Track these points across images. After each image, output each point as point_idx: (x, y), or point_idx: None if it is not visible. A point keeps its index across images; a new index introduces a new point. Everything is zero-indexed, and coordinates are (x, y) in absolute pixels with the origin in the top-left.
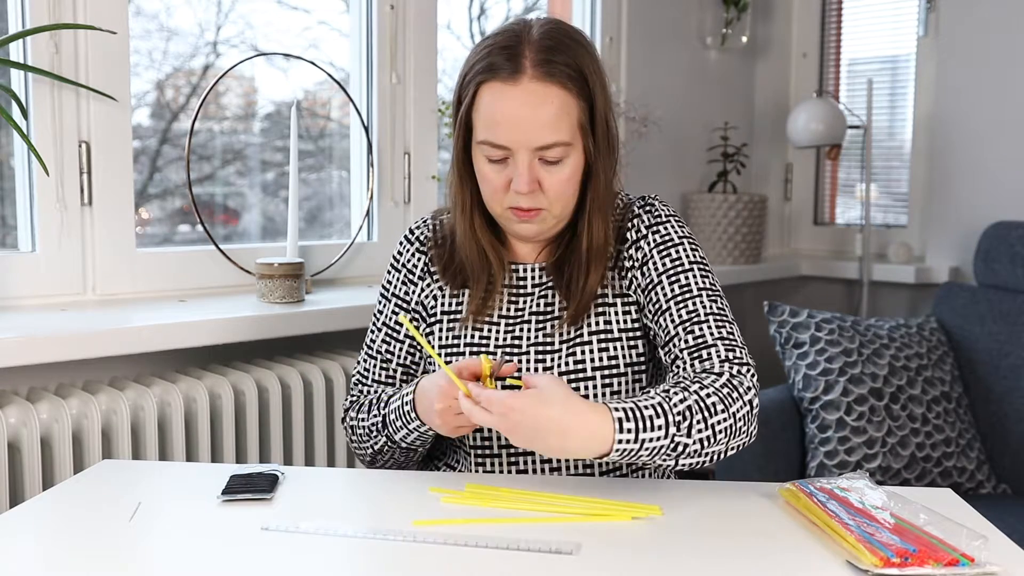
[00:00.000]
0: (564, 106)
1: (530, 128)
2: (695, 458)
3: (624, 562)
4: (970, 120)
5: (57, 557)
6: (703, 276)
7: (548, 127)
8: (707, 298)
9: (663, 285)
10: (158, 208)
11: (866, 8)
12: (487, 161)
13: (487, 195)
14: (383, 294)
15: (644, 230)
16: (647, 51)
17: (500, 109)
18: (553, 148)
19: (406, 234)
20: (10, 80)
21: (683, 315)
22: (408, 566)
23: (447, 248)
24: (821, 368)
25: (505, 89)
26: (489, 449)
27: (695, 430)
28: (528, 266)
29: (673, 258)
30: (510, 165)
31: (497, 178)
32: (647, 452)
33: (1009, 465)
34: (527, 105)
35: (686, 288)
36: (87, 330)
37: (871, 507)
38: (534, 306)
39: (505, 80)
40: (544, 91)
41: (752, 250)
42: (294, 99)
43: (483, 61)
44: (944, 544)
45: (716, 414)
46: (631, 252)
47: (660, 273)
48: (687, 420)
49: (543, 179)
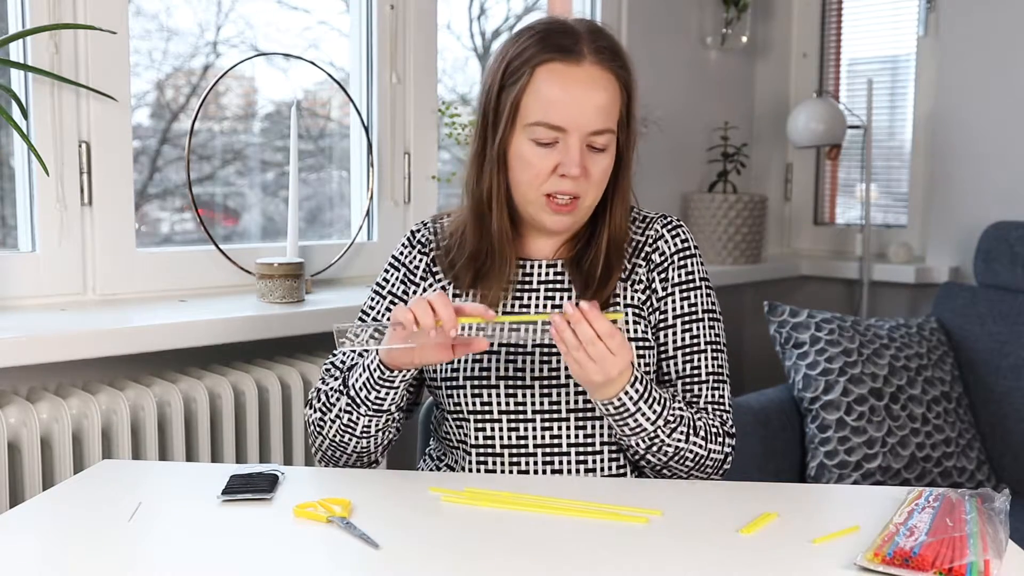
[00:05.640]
0: (615, 94)
1: (587, 111)
2: (656, 459)
3: (624, 562)
4: (970, 120)
5: (57, 557)
6: (711, 327)
7: (602, 112)
8: (711, 353)
9: (676, 329)
10: (158, 208)
11: (866, 8)
12: (534, 144)
13: (526, 180)
14: (377, 291)
15: (670, 257)
16: (647, 51)
17: (562, 89)
18: (603, 134)
19: (408, 235)
20: (10, 80)
21: (686, 369)
22: (409, 566)
23: (455, 246)
24: (821, 368)
25: (566, 70)
26: (491, 448)
27: (674, 436)
28: (536, 262)
29: (691, 303)
30: (557, 149)
31: (542, 162)
32: (632, 423)
33: (1009, 465)
34: (587, 88)
35: (695, 340)
36: (87, 330)
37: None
38: (540, 304)
39: (566, 61)
40: (602, 76)
41: (752, 250)
42: (294, 99)
43: (537, 45)
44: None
45: (696, 437)
46: (654, 275)
47: (676, 316)
48: (675, 424)
49: (589, 165)
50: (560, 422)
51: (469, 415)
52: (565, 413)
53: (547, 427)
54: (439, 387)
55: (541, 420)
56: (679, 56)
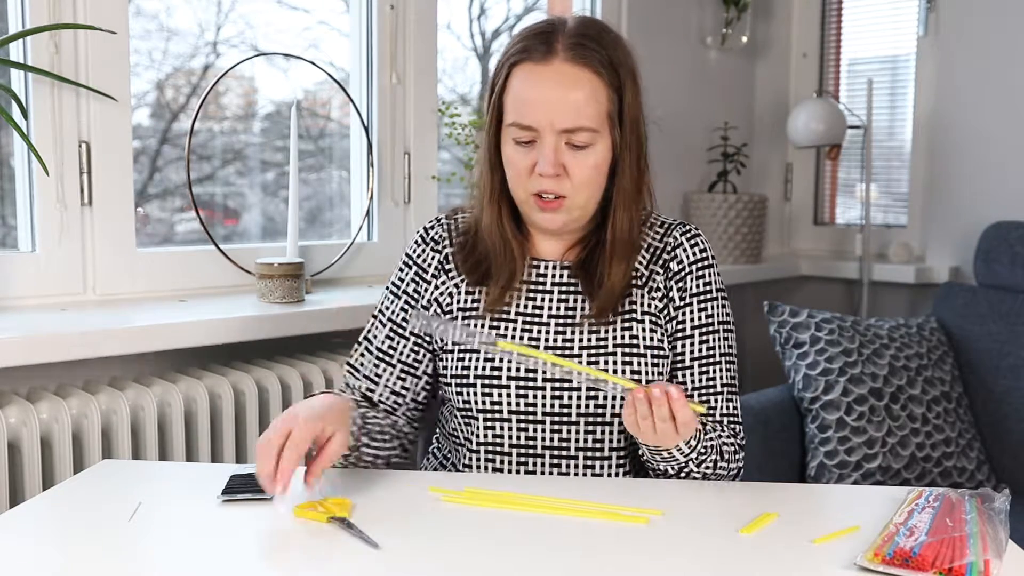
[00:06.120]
0: (594, 92)
1: (557, 109)
2: (682, 476)
3: (624, 562)
4: (970, 120)
5: (57, 557)
6: (725, 339)
7: (575, 110)
8: (725, 365)
9: (693, 340)
10: (158, 208)
11: (866, 8)
12: (514, 144)
13: (512, 179)
14: (392, 291)
15: (689, 266)
16: (647, 51)
17: (529, 89)
18: (579, 132)
19: (420, 233)
20: (10, 80)
21: (702, 380)
22: (409, 566)
23: (469, 241)
24: (821, 368)
25: (535, 69)
26: (500, 448)
27: (703, 466)
28: (549, 263)
29: (708, 314)
30: (536, 148)
31: (522, 161)
32: (665, 454)
33: (1009, 465)
34: (557, 86)
35: (711, 352)
36: (87, 330)
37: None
38: (554, 307)
39: (537, 61)
40: (575, 73)
41: (752, 250)
42: (294, 99)
43: (517, 45)
44: (979, 543)
45: (722, 461)
46: (671, 284)
47: (694, 327)
48: (706, 455)
49: (568, 164)
50: (570, 425)
51: (478, 413)
52: (575, 417)
53: (556, 430)
54: (449, 383)
55: (551, 422)
56: (679, 56)
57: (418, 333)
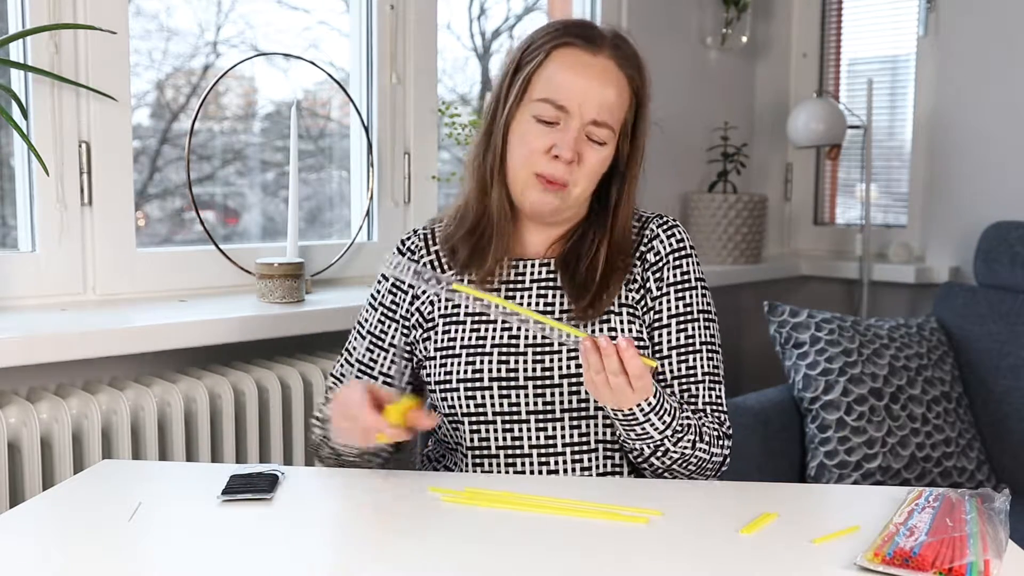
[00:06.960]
0: (622, 97)
1: (592, 98)
2: (660, 463)
3: (624, 562)
4: (970, 120)
5: (57, 557)
6: (706, 327)
7: (607, 106)
8: (706, 354)
9: (671, 329)
10: (158, 208)
11: (866, 8)
12: (535, 121)
13: (521, 156)
14: (371, 303)
15: (665, 256)
16: (647, 51)
17: (571, 71)
18: (602, 128)
19: (397, 245)
20: (10, 80)
21: (682, 369)
22: (409, 566)
23: (452, 226)
24: (821, 368)
25: (582, 55)
26: (487, 450)
27: (680, 444)
28: (528, 262)
29: (686, 303)
30: (557, 131)
31: (539, 140)
32: (639, 430)
33: (1009, 465)
34: (598, 76)
35: (690, 340)
36: (87, 330)
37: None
38: (532, 304)
39: (584, 48)
40: (616, 73)
41: (752, 250)
42: (294, 99)
43: (560, 30)
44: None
45: (701, 443)
46: (648, 275)
47: (671, 316)
48: (682, 432)
49: (584, 153)
50: (555, 422)
51: (464, 417)
52: (559, 413)
53: (542, 427)
54: (434, 390)
55: (536, 420)
56: (679, 56)
57: (398, 345)
